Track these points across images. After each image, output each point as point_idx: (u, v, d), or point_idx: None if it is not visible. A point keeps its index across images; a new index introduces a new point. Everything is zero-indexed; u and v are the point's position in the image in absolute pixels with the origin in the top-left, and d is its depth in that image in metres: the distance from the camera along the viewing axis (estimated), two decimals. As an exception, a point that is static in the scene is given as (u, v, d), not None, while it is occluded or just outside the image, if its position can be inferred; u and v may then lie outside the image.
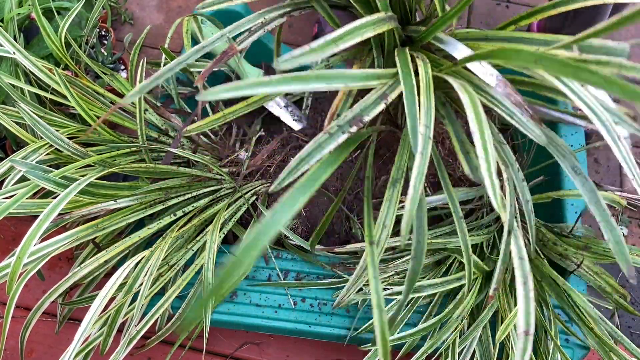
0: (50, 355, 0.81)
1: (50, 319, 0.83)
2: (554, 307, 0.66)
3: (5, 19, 0.72)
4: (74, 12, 0.73)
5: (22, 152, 0.63)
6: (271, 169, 0.79)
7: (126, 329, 0.60)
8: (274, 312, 0.67)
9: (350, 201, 0.82)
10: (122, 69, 0.97)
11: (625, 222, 0.95)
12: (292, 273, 0.70)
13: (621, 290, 0.63)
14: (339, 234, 0.81)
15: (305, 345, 0.81)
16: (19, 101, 0.65)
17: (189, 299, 0.67)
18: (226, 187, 0.72)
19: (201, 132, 0.78)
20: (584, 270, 0.65)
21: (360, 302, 0.67)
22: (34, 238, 0.50)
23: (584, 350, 0.65)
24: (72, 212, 0.57)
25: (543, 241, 0.68)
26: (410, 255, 0.68)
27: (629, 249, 0.61)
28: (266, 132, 0.90)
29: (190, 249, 0.67)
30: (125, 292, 0.59)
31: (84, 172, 0.62)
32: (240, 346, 0.81)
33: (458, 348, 0.61)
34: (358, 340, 0.67)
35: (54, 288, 0.59)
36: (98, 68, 0.75)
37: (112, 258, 0.64)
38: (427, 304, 0.67)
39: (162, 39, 1.13)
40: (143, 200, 0.63)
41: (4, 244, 0.90)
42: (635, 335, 0.87)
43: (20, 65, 0.70)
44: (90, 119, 0.65)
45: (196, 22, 0.79)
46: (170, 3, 1.19)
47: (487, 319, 0.62)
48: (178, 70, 0.77)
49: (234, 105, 0.60)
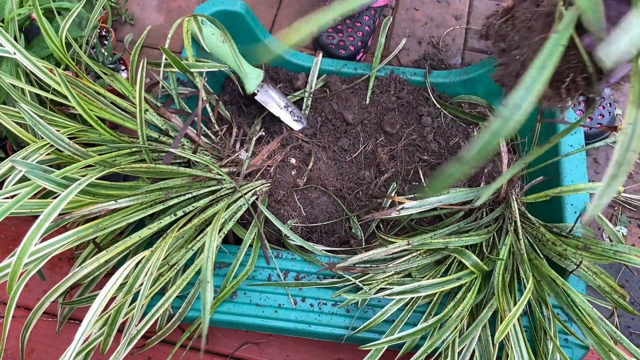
0: (51, 355, 0.81)
1: (51, 319, 0.83)
2: (554, 306, 0.66)
3: (5, 19, 0.72)
4: (75, 12, 0.73)
5: (23, 152, 0.63)
6: (271, 169, 0.79)
7: (126, 328, 0.61)
8: (274, 311, 0.68)
9: (351, 201, 0.83)
10: (123, 69, 0.97)
11: (625, 222, 0.95)
12: (292, 273, 0.70)
13: (620, 290, 0.63)
14: (339, 234, 0.81)
15: (305, 345, 0.81)
16: (20, 101, 0.65)
17: (189, 298, 0.67)
18: (226, 187, 0.72)
19: (202, 132, 0.78)
20: (583, 270, 0.65)
21: (360, 302, 0.67)
22: (34, 238, 0.50)
23: (584, 350, 0.65)
24: (73, 212, 0.58)
25: (542, 241, 0.68)
26: (411, 254, 0.68)
27: (629, 249, 0.61)
28: (266, 132, 0.90)
29: (190, 249, 0.68)
30: (126, 292, 0.60)
31: (84, 172, 0.62)
32: (240, 346, 0.82)
33: (458, 347, 0.61)
34: (358, 339, 0.67)
35: (54, 288, 0.59)
36: (98, 68, 0.75)
37: (113, 258, 0.64)
38: (427, 303, 0.67)
39: (162, 39, 1.13)
40: (143, 200, 0.63)
41: (5, 244, 0.90)
42: (634, 335, 0.87)
43: (20, 66, 0.70)
44: (91, 119, 0.65)
45: (196, 22, 0.79)
46: (171, 3, 1.20)
47: (486, 318, 0.62)
48: (178, 70, 0.77)
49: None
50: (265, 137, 0.89)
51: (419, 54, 1.11)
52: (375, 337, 0.66)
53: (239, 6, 0.87)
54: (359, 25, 1.05)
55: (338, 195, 0.83)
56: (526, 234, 0.70)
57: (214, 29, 0.82)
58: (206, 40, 0.81)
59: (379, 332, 0.66)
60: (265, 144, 0.84)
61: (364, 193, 0.83)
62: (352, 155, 0.87)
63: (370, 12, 1.06)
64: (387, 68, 0.93)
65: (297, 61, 0.94)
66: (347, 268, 0.67)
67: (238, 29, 0.88)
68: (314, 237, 0.80)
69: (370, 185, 0.84)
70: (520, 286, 0.67)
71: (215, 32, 0.82)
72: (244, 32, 0.90)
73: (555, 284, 0.64)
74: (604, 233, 0.93)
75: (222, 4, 0.87)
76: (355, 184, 0.85)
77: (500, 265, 0.65)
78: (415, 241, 0.66)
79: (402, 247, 0.66)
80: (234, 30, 0.86)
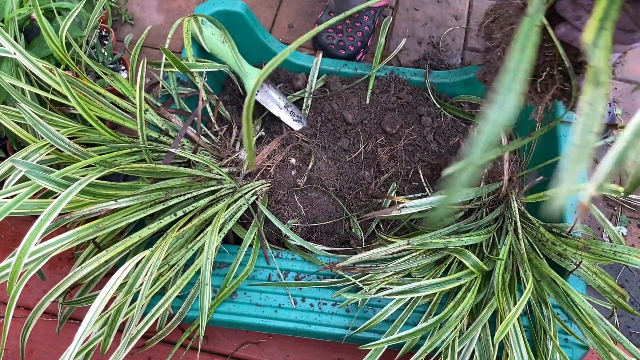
0: (51, 355, 0.81)
1: (51, 319, 0.83)
2: (553, 306, 0.66)
3: (5, 19, 0.72)
4: (75, 12, 0.73)
5: (23, 152, 0.63)
6: (271, 169, 0.79)
7: (126, 328, 0.61)
8: (274, 311, 0.68)
9: (350, 201, 0.83)
10: (123, 69, 0.97)
11: (625, 222, 0.95)
12: (292, 273, 0.70)
13: (620, 290, 0.63)
14: (339, 234, 0.81)
15: (305, 345, 0.81)
16: (20, 101, 0.65)
17: (189, 298, 0.68)
18: (226, 187, 0.72)
19: (202, 132, 0.78)
20: (583, 270, 0.65)
21: (360, 302, 0.67)
22: (34, 238, 0.50)
23: (583, 350, 0.65)
24: (73, 212, 0.58)
25: (542, 241, 0.68)
26: (411, 254, 0.68)
27: (628, 250, 0.61)
28: (266, 132, 0.90)
29: (190, 249, 0.68)
30: (126, 292, 0.60)
31: (84, 172, 0.62)
32: (240, 346, 0.82)
33: (457, 347, 0.61)
34: (358, 339, 0.67)
35: (54, 288, 0.59)
36: (98, 68, 0.76)
37: (113, 258, 0.64)
38: (427, 303, 0.67)
39: (162, 39, 1.13)
40: (143, 200, 0.63)
41: (5, 244, 0.90)
42: (634, 335, 0.87)
43: (20, 66, 0.70)
44: (91, 119, 0.65)
45: (196, 22, 0.79)
46: (171, 4, 1.20)
47: (486, 318, 0.62)
48: (179, 70, 0.77)
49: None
50: (265, 137, 0.89)
51: (419, 54, 1.11)
52: (375, 337, 0.66)
53: (239, 6, 0.87)
54: (358, 26, 1.05)
55: (338, 195, 0.83)
56: (526, 234, 0.70)
57: (214, 29, 0.82)
58: (206, 40, 0.81)
59: (378, 332, 0.66)
60: (265, 144, 0.84)
61: (364, 193, 0.83)
62: (352, 155, 0.87)
63: (370, 12, 1.06)
64: (387, 68, 0.93)
65: (297, 61, 0.94)
66: (347, 268, 0.67)
67: (238, 29, 0.89)
68: (314, 237, 0.80)
69: (370, 185, 0.84)
70: (520, 286, 0.67)
71: (215, 32, 0.82)
72: (244, 32, 0.90)
73: (555, 284, 0.64)
74: (603, 233, 0.94)
75: (222, 4, 0.87)
76: (355, 184, 0.85)
77: (500, 265, 0.65)
78: (415, 241, 0.66)
79: (402, 247, 0.66)
80: (234, 30, 0.86)
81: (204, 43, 0.80)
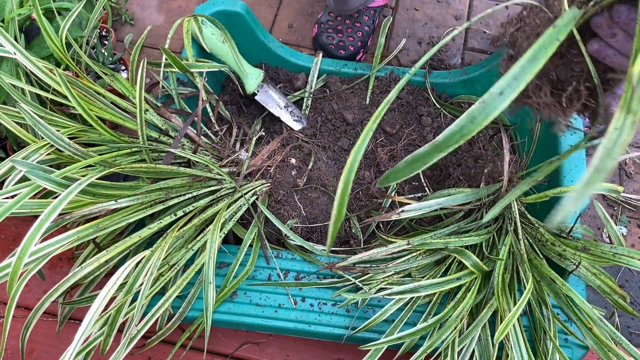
0: (51, 355, 0.81)
1: (51, 319, 0.83)
2: (553, 307, 0.66)
3: (6, 19, 0.72)
4: (75, 12, 0.73)
5: (23, 152, 0.63)
6: (271, 169, 0.79)
7: (126, 328, 0.61)
8: (274, 311, 0.68)
9: (350, 201, 0.83)
10: (123, 69, 0.97)
11: (625, 222, 0.95)
12: (292, 273, 0.70)
13: (620, 290, 0.63)
14: (339, 234, 0.81)
15: (305, 345, 0.81)
16: (20, 101, 0.65)
17: (189, 298, 0.68)
18: (226, 187, 0.72)
19: (202, 132, 0.78)
20: (583, 271, 0.65)
21: (360, 302, 0.67)
22: (34, 238, 0.50)
23: (583, 350, 0.65)
24: (73, 212, 0.58)
25: (542, 241, 0.68)
26: (410, 254, 0.68)
27: (628, 251, 0.61)
28: (266, 132, 0.90)
29: (190, 249, 0.68)
30: (126, 292, 0.60)
31: (84, 172, 0.62)
32: (240, 346, 0.82)
33: (457, 347, 0.61)
34: (358, 339, 0.67)
35: (54, 288, 0.59)
36: (99, 68, 0.76)
37: (113, 258, 0.64)
38: (427, 303, 0.67)
39: (162, 39, 1.13)
40: (143, 200, 0.63)
41: (5, 244, 0.90)
42: (634, 335, 0.87)
43: (21, 66, 0.70)
44: (91, 119, 0.65)
45: (196, 22, 0.79)
46: (171, 4, 1.20)
47: (486, 318, 0.62)
48: (179, 70, 0.77)
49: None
50: (265, 137, 0.89)
51: (419, 54, 1.11)
52: (375, 337, 0.66)
53: (239, 6, 0.87)
54: (358, 26, 1.05)
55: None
56: (526, 234, 0.70)
57: (214, 29, 0.82)
58: (206, 40, 0.81)
59: (378, 332, 0.66)
60: (265, 144, 0.84)
61: (364, 193, 0.83)
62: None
63: (370, 12, 1.06)
64: (387, 68, 0.93)
65: (297, 61, 0.94)
66: (347, 268, 0.67)
67: (238, 29, 0.89)
68: (314, 237, 0.80)
69: (370, 185, 0.84)
70: (520, 286, 0.67)
71: (215, 32, 0.82)
72: (244, 32, 0.90)
73: (555, 284, 0.64)
74: (603, 233, 0.94)
75: (222, 4, 0.87)
76: (355, 184, 0.85)
77: (500, 266, 0.65)
78: (415, 241, 0.66)
79: (402, 247, 0.66)
80: (234, 30, 0.86)
81: (204, 43, 0.80)
